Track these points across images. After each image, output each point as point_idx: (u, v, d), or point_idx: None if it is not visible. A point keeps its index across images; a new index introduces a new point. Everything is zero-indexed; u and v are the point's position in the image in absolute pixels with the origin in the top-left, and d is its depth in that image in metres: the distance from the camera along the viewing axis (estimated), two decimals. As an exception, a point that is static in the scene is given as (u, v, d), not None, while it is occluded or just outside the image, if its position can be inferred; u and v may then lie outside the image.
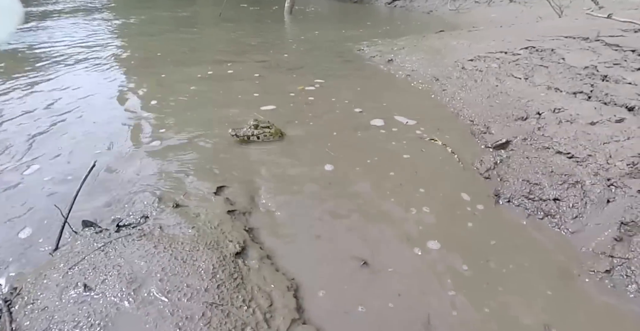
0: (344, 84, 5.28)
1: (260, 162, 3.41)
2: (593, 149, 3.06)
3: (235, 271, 2.19)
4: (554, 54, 4.60)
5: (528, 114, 3.75)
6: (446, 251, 2.53)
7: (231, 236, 2.46)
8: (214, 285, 2.05)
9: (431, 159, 3.51)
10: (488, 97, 4.32)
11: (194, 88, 5.19)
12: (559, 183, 2.95)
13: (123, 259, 2.19)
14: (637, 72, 3.81)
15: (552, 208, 2.86)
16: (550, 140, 3.30)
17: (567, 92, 3.88)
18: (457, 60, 5.32)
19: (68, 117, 4.31)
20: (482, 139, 3.75)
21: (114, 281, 2.05)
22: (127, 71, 6.10)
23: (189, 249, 2.27)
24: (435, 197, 3.04)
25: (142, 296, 1.97)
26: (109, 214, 2.74)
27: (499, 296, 2.23)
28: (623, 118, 3.27)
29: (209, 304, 1.94)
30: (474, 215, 2.87)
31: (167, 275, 2.08)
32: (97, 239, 2.38)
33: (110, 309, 1.91)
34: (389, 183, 3.19)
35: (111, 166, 3.34)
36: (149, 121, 4.23)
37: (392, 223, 2.76)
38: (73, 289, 2.04)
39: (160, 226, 2.48)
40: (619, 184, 2.76)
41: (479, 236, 2.67)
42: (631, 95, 3.51)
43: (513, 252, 2.56)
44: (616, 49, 4.25)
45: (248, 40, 8.46)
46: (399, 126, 4.08)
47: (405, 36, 7.40)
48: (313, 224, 2.74)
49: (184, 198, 2.83)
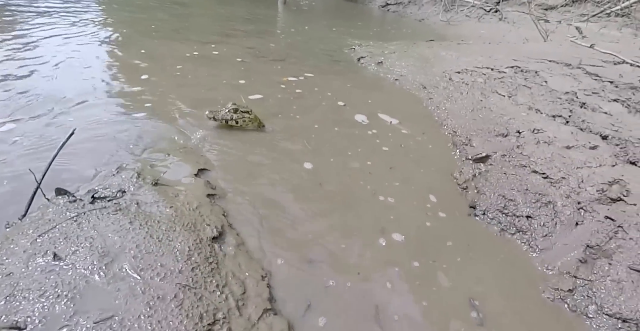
0: (331, 80, 5.30)
1: (243, 150, 3.38)
2: (567, 172, 3.18)
3: (210, 255, 2.17)
4: (538, 76, 4.75)
5: (509, 131, 3.86)
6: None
7: (209, 219, 2.43)
8: (188, 267, 2.03)
9: (412, 163, 3.57)
10: (472, 110, 4.42)
11: (180, 67, 5.09)
12: (532, 201, 3.05)
13: (96, 232, 2.13)
14: (613, 103, 3.98)
15: (524, 225, 2.96)
16: (528, 159, 3.41)
17: (547, 114, 4.01)
18: (445, 71, 5.42)
19: (46, 82, 4.15)
20: (463, 150, 3.84)
21: (85, 253, 1.99)
22: (114, 44, 5.92)
23: (165, 229, 2.22)
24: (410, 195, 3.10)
25: (113, 272, 1.92)
26: (84, 185, 2.67)
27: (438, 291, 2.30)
28: (597, 145, 3.42)
29: (182, 286, 1.92)
30: (446, 223, 2.95)
31: (141, 253, 2.04)
32: (70, 209, 2.31)
33: (79, 281, 1.85)
34: (366, 177, 3.25)
35: (90, 136, 3.24)
36: (134, 94, 4.12)
37: (361, 216, 2.81)
38: (41, 257, 1.97)
39: (137, 202, 2.42)
40: (588, 209, 2.88)
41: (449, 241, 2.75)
42: (606, 124, 3.67)
43: (481, 259, 2.63)
44: (595, 79, 4.43)
45: (237, 24, 8.35)
46: (381, 124, 4.15)
47: (396, 41, 7.46)
48: (290, 215, 2.74)
49: (164, 177, 2.77)
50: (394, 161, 3.58)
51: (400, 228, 2.77)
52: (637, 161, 3.20)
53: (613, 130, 3.56)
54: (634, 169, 3.15)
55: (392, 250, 2.58)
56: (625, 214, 2.78)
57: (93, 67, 4.87)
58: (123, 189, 2.56)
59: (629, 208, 2.82)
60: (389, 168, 3.46)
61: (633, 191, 2.92)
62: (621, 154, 3.29)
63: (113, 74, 4.72)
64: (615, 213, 2.82)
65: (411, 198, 3.13)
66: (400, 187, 3.24)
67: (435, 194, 3.22)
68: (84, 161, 2.94)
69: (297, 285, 2.24)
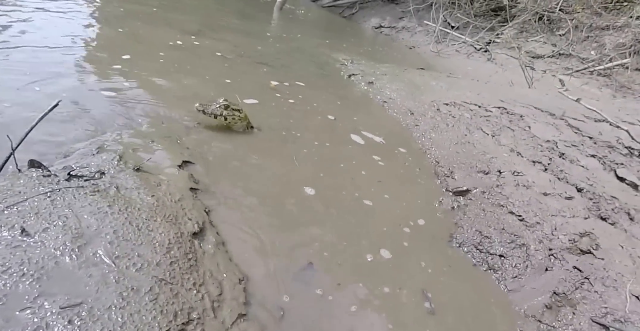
0: (322, 93, 5.29)
1: (230, 148, 3.29)
2: (542, 218, 3.27)
3: (190, 251, 2.07)
4: (522, 121, 4.91)
5: (490, 169, 3.95)
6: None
7: (191, 214, 2.33)
8: (166, 261, 1.92)
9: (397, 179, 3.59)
10: (456, 143, 4.51)
11: (163, 54, 4.95)
12: (507, 241, 3.12)
13: (71, 211, 1.99)
14: (590, 158, 4.15)
15: (496, 263, 3.01)
16: (507, 199, 3.49)
17: (527, 159, 4.14)
18: (434, 100, 5.52)
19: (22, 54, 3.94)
20: (444, 181, 3.90)
21: (57, 232, 1.85)
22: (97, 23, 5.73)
23: (145, 218, 2.11)
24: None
25: (86, 255, 1.79)
26: (59, 161, 2.51)
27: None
28: (572, 196, 3.54)
29: (158, 279, 1.81)
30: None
31: (118, 239, 1.92)
32: (43, 183, 2.15)
33: (47, 261, 1.71)
34: (352, 186, 3.29)
35: (70, 110, 3.08)
36: (118, 76, 3.96)
37: (345, 228, 2.79)
38: (8, 230, 1.81)
39: (117, 186, 2.29)
40: (558, 256, 2.97)
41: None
42: (582, 177, 3.81)
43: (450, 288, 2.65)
44: (576, 132, 4.62)
45: (227, 21, 8.26)
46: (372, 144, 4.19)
47: (388, 64, 7.57)
48: (273, 220, 2.68)
49: (147, 163, 2.64)
50: (381, 176, 3.65)
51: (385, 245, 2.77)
52: (608, 217, 3.34)
53: (588, 184, 3.70)
54: (604, 225, 3.28)
55: (375, 265, 2.57)
56: (592, 267, 2.88)
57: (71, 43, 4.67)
58: (102, 170, 2.42)
59: (596, 261, 2.92)
60: (377, 182, 3.52)
61: (602, 245, 3.03)
62: (594, 209, 3.42)
63: (94, 51, 4.55)
64: (584, 265, 2.91)
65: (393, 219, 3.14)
66: (385, 204, 3.25)
67: (417, 220, 3.23)
68: (60, 136, 2.78)
69: (273, 292, 2.17)
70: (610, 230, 3.23)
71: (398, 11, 13.24)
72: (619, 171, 3.97)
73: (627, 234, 3.20)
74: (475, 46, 10.29)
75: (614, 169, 4.02)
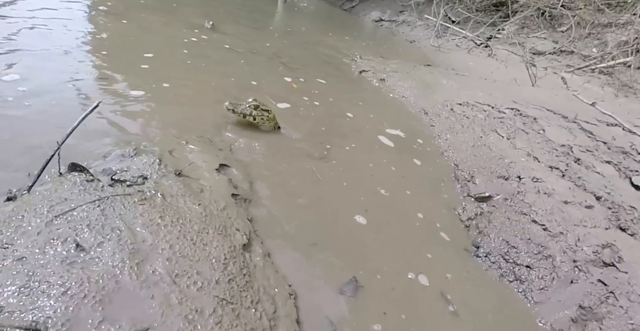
0: (338, 91, 5.22)
1: (262, 150, 3.22)
2: (565, 227, 3.30)
3: (244, 266, 2.01)
4: (536, 123, 4.93)
5: (510, 175, 3.97)
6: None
7: (238, 224, 2.27)
8: (225, 278, 1.86)
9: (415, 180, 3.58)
10: (473, 146, 4.51)
11: (184, 52, 4.81)
12: (534, 252, 3.14)
13: (123, 223, 1.90)
14: (605, 164, 4.21)
15: (523, 274, 3.04)
16: (529, 208, 3.51)
17: (545, 164, 4.17)
18: (447, 100, 5.50)
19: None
20: (465, 186, 3.90)
21: (113, 247, 1.77)
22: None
23: (197, 230, 2.04)
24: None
25: (146, 274, 1.72)
26: (97, 162, 2.40)
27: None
28: (592, 205, 3.58)
29: (220, 299, 1.76)
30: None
31: (176, 255, 1.85)
32: (88, 189, 2.05)
33: (108, 281, 1.64)
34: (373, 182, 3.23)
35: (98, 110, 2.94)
36: (144, 74, 3.83)
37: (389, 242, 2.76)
38: (61, 244, 1.72)
39: (162, 194, 2.20)
40: (583, 269, 3.01)
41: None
42: (599, 185, 3.86)
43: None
44: (590, 136, 4.67)
45: (233, 14, 8.06)
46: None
47: (395, 60, 7.50)
48: (316, 227, 2.65)
49: (187, 167, 2.55)
50: (403, 175, 3.66)
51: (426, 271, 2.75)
52: (627, 228, 3.39)
53: (606, 192, 3.75)
54: (625, 236, 3.33)
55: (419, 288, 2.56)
56: (617, 281, 2.93)
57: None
58: (144, 175, 2.32)
59: (620, 275, 2.97)
60: (401, 177, 3.55)
61: (625, 258, 3.07)
62: (613, 219, 3.47)
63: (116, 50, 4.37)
64: (608, 278, 2.96)
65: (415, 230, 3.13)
66: (408, 207, 3.24)
67: (440, 228, 3.23)
68: (93, 136, 2.66)
69: (322, 308, 2.14)
70: (631, 242, 3.29)
71: (398, 5, 13.09)
72: (635, 179, 4.03)
73: (648, 246, 3.27)
74: (475, 41, 10.25)
75: (629, 176, 4.08)
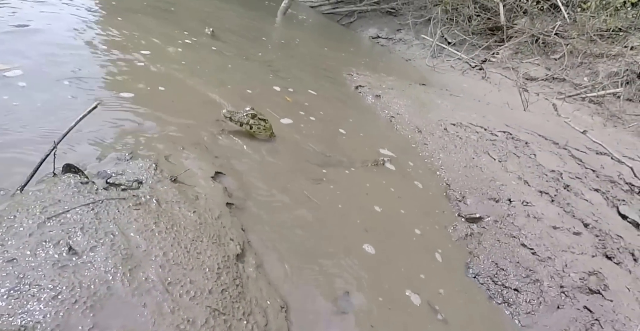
0: (334, 106, 5.25)
1: (258, 159, 3.21)
2: (553, 252, 3.34)
3: (237, 276, 1.99)
4: (527, 148, 5.02)
5: (500, 197, 4.01)
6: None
7: (232, 233, 2.24)
8: (218, 288, 1.84)
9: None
10: (465, 167, 4.56)
11: (180, 57, 4.81)
12: (522, 276, 3.16)
13: (117, 228, 1.87)
14: (594, 192, 4.28)
15: (511, 297, 3.05)
16: (519, 231, 3.55)
17: (535, 188, 4.22)
18: (441, 119, 5.57)
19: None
20: (456, 206, 3.92)
21: (106, 251, 1.74)
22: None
23: (192, 238, 2.01)
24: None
25: (138, 280, 1.69)
26: (91, 164, 2.37)
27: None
28: (580, 232, 3.63)
29: (212, 310, 1.73)
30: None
31: (169, 263, 1.82)
32: (82, 192, 2.02)
33: (100, 286, 1.60)
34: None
35: (107, 112, 2.94)
36: (140, 78, 3.81)
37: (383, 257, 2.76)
38: (53, 247, 1.69)
39: (157, 199, 2.17)
40: (569, 295, 3.04)
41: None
42: (587, 212, 3.92)
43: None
44: (579, 164, 4.76)
45: (232, 23, 8.09)
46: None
47: (391, 77, 7.58)
48: (309, 238, 2.63)
49: (183, 174, 2.53)
50: (396, 194, 3.67)
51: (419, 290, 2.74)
52: (613, 256, 3.44)
53: (594, 219, 3.81)
54: (611, 264, 3.37)
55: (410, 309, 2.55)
56: (602, 309, 2.96)
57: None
58: (140, 179, 2.30)
59: (606, 303, 3.00)
60: (397, 198, 3.56)
61: (611, 286, 3.12)
62: (600, 247, 3.52)
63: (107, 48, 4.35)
64: (594, 305, 2.99)
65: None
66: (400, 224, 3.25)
67: (433, 247, 3.24)
68: (89, 137, 2.62)
69: (313, 322, 2.12)
70: (616, 270, 3.33)
71: (396, 23, 13.31)
72: (621, 208, 4.11)
73: (632, 275, 3.31)
74: (470, 63, 10.44)
75: (617, 205, 4.15)
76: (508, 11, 10.92)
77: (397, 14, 13.74)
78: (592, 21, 9.23)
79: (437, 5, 12.27)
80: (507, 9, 10.87)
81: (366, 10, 14.60)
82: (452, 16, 11.94)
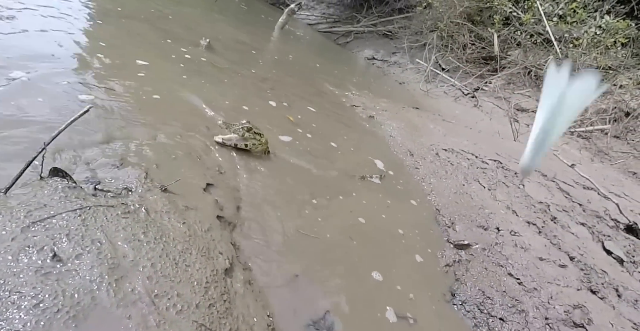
0: (338, 128, 5.28)
1: (249, 174, 3.18)
2: (539, 284, 3.35)
3: (225, 291, 1.94)
4: (516, 177, 5.07)
5: (489, 225, 4.02)
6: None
7: (221, 247, 2.20)
8: (205, 303, 1.78)
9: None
10: (455, 193, 4.58)
11: (177, 68, 4.80)
12: (508, 305, 3.15)
13: (105, 236, 1.82)
14: (580, 226, 4.33)
15: (497, 326, 3.02)
16: (506, 260, 3.55)
17: (523, 218, 4.25)
18: (433, 144, 5.62)
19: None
20: (445, 231, 3.92)
21: (92, 259, 1.68)
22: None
23: (181, 250, 1.96)
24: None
25: (124, 291, 1.63)
26: (79, 168, 2.31)
27: None
28: (565, 265, 3.65)
29: (199, 325, 1.67)
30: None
31: (157, 274, 1.76)
32: (69, 197, 1.96)
33: (84, 296, 1.54)
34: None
35: (99, 116, 2.89)
36: (137, 85, 3.78)
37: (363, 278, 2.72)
38: (37, 253, 1.62)
39: (146, 209, 2.13)
40: (554, 327, 3.03)
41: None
42: (573, 245, 3.95)
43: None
44: (567, 197, 4.82)
45: (230, 36, 8.15)
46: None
47: (385, 99, 7.66)
48: (300, 258, 2.59)
49: (173, 183, 2.48)
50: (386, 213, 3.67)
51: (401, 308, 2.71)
52: (598, 291, 3.45)
53: (579, 253, 3.84)
54: (595, 299, 3.39)
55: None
56: (586, 345, 2.97)
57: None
58: (129, 187, 2.25)
59: (590, 338, 3.01)
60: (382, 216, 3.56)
61: (595, 321, 3.12)
62: (585, 280, 3.54)
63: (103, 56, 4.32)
64: (578, 340, 3.00)
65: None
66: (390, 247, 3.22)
67: (421, 271, 3.23)
68: (79, 141, 2.57)
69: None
70: (600, 305, 3.34)
71: (392, 46, 13.54)
72: (607, 243, 4.15)
73: (616, 311, 3.32)
74: (462, 91, 10.62)
75: (602, 240, 4.20)
76: (502, 42, 11.18)
77: (394, 37, 13.98)
78: (583, 58, 9.48)
79: (433, 32, 12.51)
80: (501, 40, 11.14)
81: (363, 32, 14.85)
82: (447, 43, 12.17)
